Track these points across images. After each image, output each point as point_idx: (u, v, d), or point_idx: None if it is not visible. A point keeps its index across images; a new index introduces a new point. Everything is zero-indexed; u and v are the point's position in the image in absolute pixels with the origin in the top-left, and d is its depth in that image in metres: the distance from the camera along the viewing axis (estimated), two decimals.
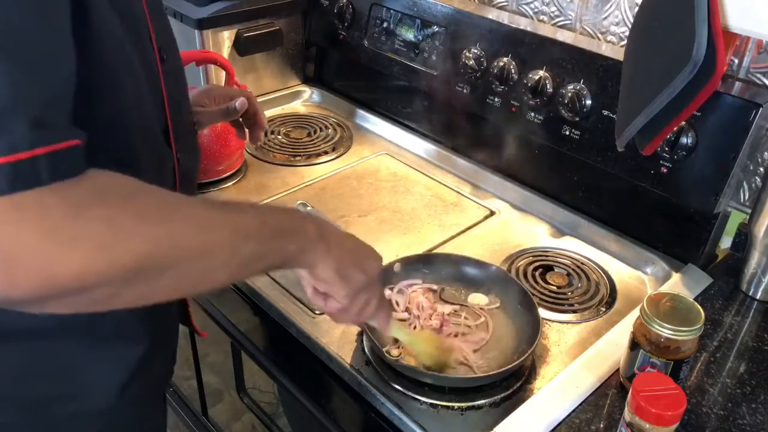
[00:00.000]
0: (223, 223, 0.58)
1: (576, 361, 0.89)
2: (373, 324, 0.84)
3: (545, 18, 1.28)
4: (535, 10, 1.29)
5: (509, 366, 0.87)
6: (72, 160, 0.48)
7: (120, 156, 0.65)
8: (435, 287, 1.03)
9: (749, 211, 1.04)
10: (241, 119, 1.07)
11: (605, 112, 1.10)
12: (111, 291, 0.51)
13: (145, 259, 0.50)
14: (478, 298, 1.01)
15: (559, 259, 1.14)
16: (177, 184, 0.81)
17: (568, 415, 0.81)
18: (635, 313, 0.82)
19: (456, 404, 0.85)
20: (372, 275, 0.75)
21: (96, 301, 0.51)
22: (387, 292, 0.99)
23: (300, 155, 1.43)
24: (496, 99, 1.25)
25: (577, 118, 1.13)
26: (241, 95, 1.05)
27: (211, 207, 0.59)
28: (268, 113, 1.60)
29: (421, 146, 1.46)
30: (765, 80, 1.03)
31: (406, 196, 1.31)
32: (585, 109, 1.12)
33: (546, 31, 1.21)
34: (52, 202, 0.46)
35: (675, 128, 0.98)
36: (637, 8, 1.01)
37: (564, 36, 1.19)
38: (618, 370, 0.86)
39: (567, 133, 1.16)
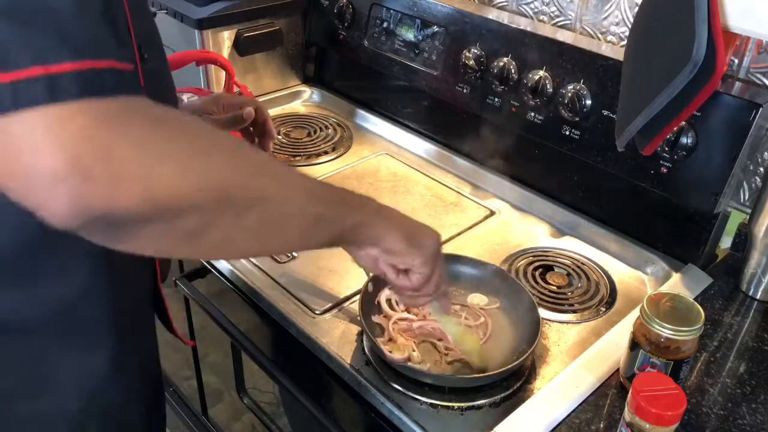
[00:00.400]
0: (294, 177, 0.58)
1: (576, 361, 0.89)
2: (435, 305, 0.84)
3: (545, 18, 1.28)
4: (535, 10, 1.29)
5: (509, 366, 0.86)
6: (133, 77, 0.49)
7: None
8: None
9: (749, 211, 1.04)
10: (251, 128, 1.06)
11: (605, 112, 1.10)
12: (203, 219, 0.50)
13: (229, 185, 0.50)
14: (477, 298, 1.01)
15: (559, 259, 1.14)
16: None
17: (568, 415, 0.81)
18: (635, 313, 0.82)
19: (456, 404, 0.85)
20: (439, 246, 0.75)
21: (190, 231, 0.50)
22: (387, 292, 0.99)
23: (300, 155, 1.43)
24: (496, 99, 1.25)
25: (577, 118, 1.13)
26: (250, 104, 1.03)
27: (282, 163, 0.59)
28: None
29: (421, 146, 1.46)
30: (765, 80, 1.03)
31: (406, 196, 1.31)
32: (585, 109, 1.12)
33: (546, 31, 1.21)
34: (141, 115, 0.46)
35: (675, 128, 0.98)
36: (637, 8, 1.01)
37: (564, 36, 1.19)
38: (618, 370, 0.86)
39: (567, 133, 1.16)
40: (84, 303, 0.69)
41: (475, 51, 1.26)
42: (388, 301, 0.99)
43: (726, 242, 1.12)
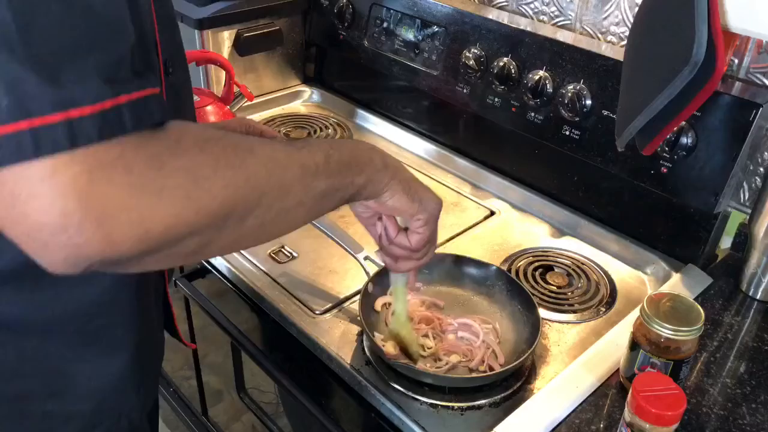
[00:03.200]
0: (291, 162, 0.57)
1: (576, 361, 0.89)
2: (401, 278, 0.86)
3: (545, 18, 1.28)
4: (535, 10, 1.29)
5: (509, 366, 0.87)
6: (152, 109, 0.47)
7: None
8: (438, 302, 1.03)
9: (749, 211, 1.04)
10: None
11: (605, 112, 1.10)
12: (202, 240, 0.50)
13: (228, 204, 0.50)
14: (479, 319, 0.99)
15: (559, 259, 1.14)
16: None
17: (568, 415, 0.81)
18: (635, 313, 0.82)
19: (456, 404, 0.85)
20: (440, 202, 0.75)
21: (191, 251, 0.51)
22: (386, 298, 0.99)
23: None
24: (496, 99, 1.25)
25: (577, 118, 1.13)
26: (271, 135, 1.00)
27: (277, 147, 0.58)
28: (268, 113, 1.61)
29: (421, 146, 1.46)
30: (765, 80, 1.03)
31: None
32: (585, 109, 1.12)
33: (546, 31, 1.21)
34: (134, 154, 0.45)
35: (675, 128, 0.98)
36: (637, 8, 1.01)
37: (564, 36, 1.19)
38: (618, 370, 0.86)
39: (567, 133, 1.16)
40: (107, 307, 0.70)
41: (475, 51, 1.26)
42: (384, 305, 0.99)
43: (726, 242, 1.13)
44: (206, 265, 1.18)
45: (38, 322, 0.68)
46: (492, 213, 1.27)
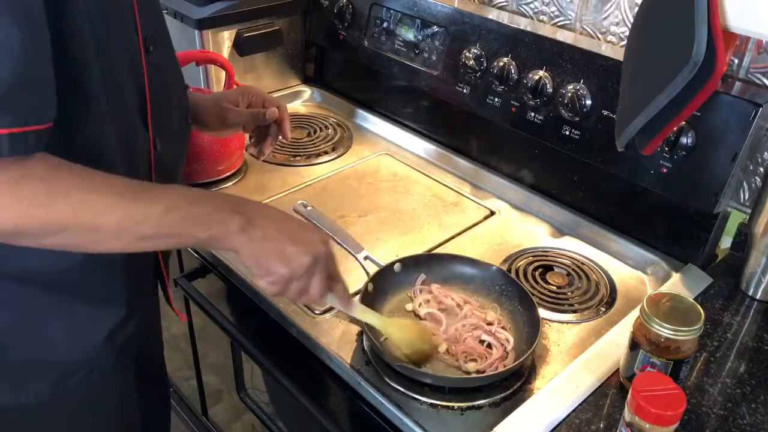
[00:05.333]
0: (113, 209, 0.67)
1: (576, 361, 0.89)
2: (333, 304, 0.88)
3: (545, 18, 1.28)
4: (535, 10, 1.29)
5: (509, 366, 0.87)
6: (27, 142, 0.61)
7: (85, 130, 0.71)
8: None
9: (749, 211, 1.04)
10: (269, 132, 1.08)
11: (605, 112, 1.10)
12: (31, 241, 0.65)
13: (18, 227, 0.63)
14: (491, 315, 0.99)
15: (559, 259, 1.14)
16: (152, 167, 0.85)
17: (568, 415, 0.81)
18: (635, 313, 0.82)
19: (456, 404, 0.85)
20: (298, 266, 0.77)
21: (35, 243, 0.66)
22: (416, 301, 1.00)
23: (300, 155, 1.43)
24: (496, 99, 1.25)
25: (577, 118, 1.13)
26: (273, 103, 1.06)
27: (107, 195, 0.66)
28: None
29: (421, 146, 1.46)
30: (765, 80, 1.03)
31: (406, 196, 1.31)
32: (585, 109, 1.12)
33: (546, 31, 1.21)
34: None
35: (675, 128, 0.98)
36: (637, 8, 1.01)
37: (564, 36, 1.19)
38: (618, 370, 0.86)
39: (567, 133, 1.16)
40: (87, 264, 0.78)
41: (475, 51, 1.26)
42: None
43: (726, 242, 1.12)
44: (206, 265, 1.18)
45: (17, 274, 0.75)
46: (492, 213, 1.27)
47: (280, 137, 1.09)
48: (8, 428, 0.84)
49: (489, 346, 0.93)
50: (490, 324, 0.96)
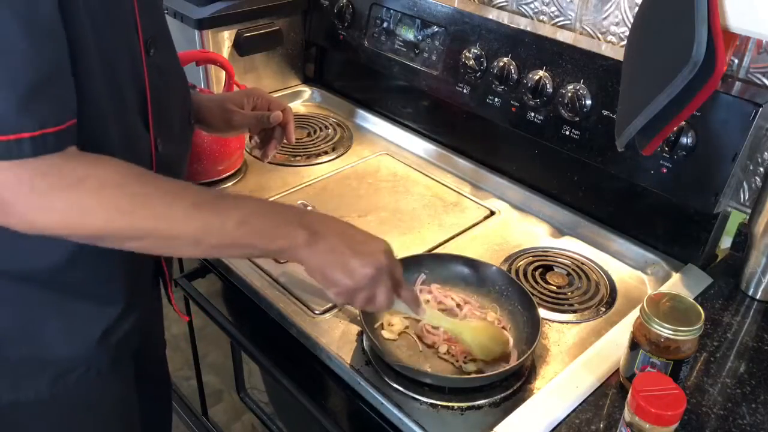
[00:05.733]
0: (191, 220, 0.70)
1: (576, 361, 0.89)
2: (401, 309, 0.88)
3: (545, 18, 1.28)
4: (535, 10, 1.29)
5: (509, 366, 0.87)
6: (55, 141, 0.63)
7: (86, 130, 0.72)
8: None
9: (749, 211, 1.04)
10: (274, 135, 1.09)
11: (605, 112, 1.10)
12: (113, 244, 0.69)
13: (101, 232, 0.67)
14: (491, 316, 0.99)
15: (559, 259, 1.14)
16: (154, 168, 0.86)
17: (568, 415, 0.81)
18: (635, 313, 0.82)
19: (456, 404, 0.85)
20: (361, 277, 0.79)
21: (118, 246, 0.70)
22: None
23: (300, 155, 1.43)
24: (496, 99, 1.25)
25: (577, 118, 1.13)
26: (278, 107, 1.07)
27: (186, 205, 0.69)
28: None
29: (421, 146, 1.46)
30: (765, 80, 1.03)
31: (406, 196, 1.31)
32: (585, 109, 1.12)
33: (546, 31, 1.21)
34: (40, 178, 0.63)
35: (675, 128, 0.98)
36: (637, 8, 1.01)
37: (564, 36, 1.19)
38: (618, 370, 0.86)
39: (567, 133, 1.16)
40: (86, 262, 0.79)
41: (475, 51, 1.26)
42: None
43: (726, 242, 1.12)
44: (206, 265, 1.18)
45: (16, 272, 0.76)
46: (492, 213, 1.27)
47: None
48: (7, 426, 0.84)
49: None
50: (460, 306, 0.97)
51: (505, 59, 1.22)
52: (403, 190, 1.33)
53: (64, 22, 0.65)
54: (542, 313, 0.97)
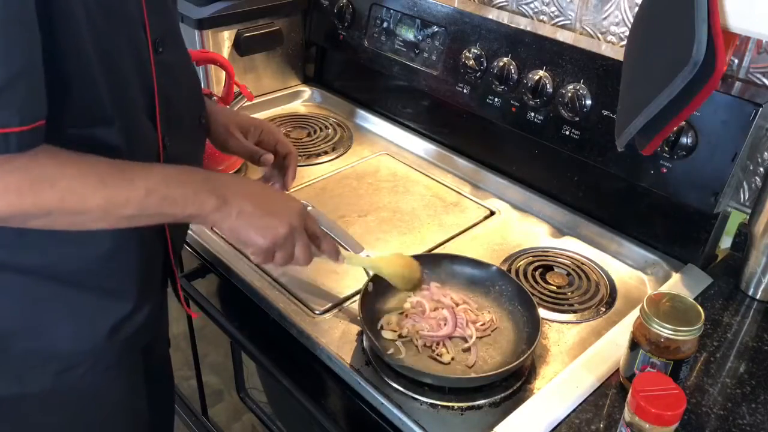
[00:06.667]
0: (96, 194, 0.69)
1: (576, 361, 0.89)
2: (323, 260, 0.92)
3: (545, 18, 1.28)
4: (535, 10, 1.29)
5: (509, 366, 0.87)
6: (14, 141, 0.63)
7: (89, 129, 0.74)
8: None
9: (749, 211, 1.04)
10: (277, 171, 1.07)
11: (605, 112, 1.10)
12: (16, 224, 0.68)
13: (7, 212, 0.66)
14: (485, 316, 0.99)
15: (559, 259, 1.14)
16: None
17: (568, 415, 0.81)
18: (635, 313, 0.82)
19: (456, 404, 0.85)
20: (275, 236, 0.82)
21: (21, 225, 0.69)
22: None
23: (300, 155, 1.43)
24: (496, 99, 1.25)
25: (577, 118, 1.13)
26: (285, 150, 1.04)
27: (100, 176, 0.69)
28: (268, 113, 1.61)
29: (421, 146, 1.46)
30: (765, 80, 1.03)
31: (406, 196, 1.31)
32: (585, 109, 1.12)
33: (546, 31, 1.21)
34: None
35: (675, 128, 0.98)
36: (637, 8, 1.01)
37: (564, 36, 1.19)
38: (618, 370, 0.86)
39: (567, 133, 1.16)
40: (102, 262, 0.81)
41: (475, 51, 1.26)
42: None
43: (726, 242, 1.12)
44: (206, 265, 1.18)
45: (26, 266, 0.77)
46: (492, 213, 1.27)
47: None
48: (14, 417, 0.85)
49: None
50: (457, 305, 0.98)
51: (505, 59, 1.22)
52: (403, 190, 1.33)
53: (56, 22, 0.65)
54: (542, 313, 0.97)
